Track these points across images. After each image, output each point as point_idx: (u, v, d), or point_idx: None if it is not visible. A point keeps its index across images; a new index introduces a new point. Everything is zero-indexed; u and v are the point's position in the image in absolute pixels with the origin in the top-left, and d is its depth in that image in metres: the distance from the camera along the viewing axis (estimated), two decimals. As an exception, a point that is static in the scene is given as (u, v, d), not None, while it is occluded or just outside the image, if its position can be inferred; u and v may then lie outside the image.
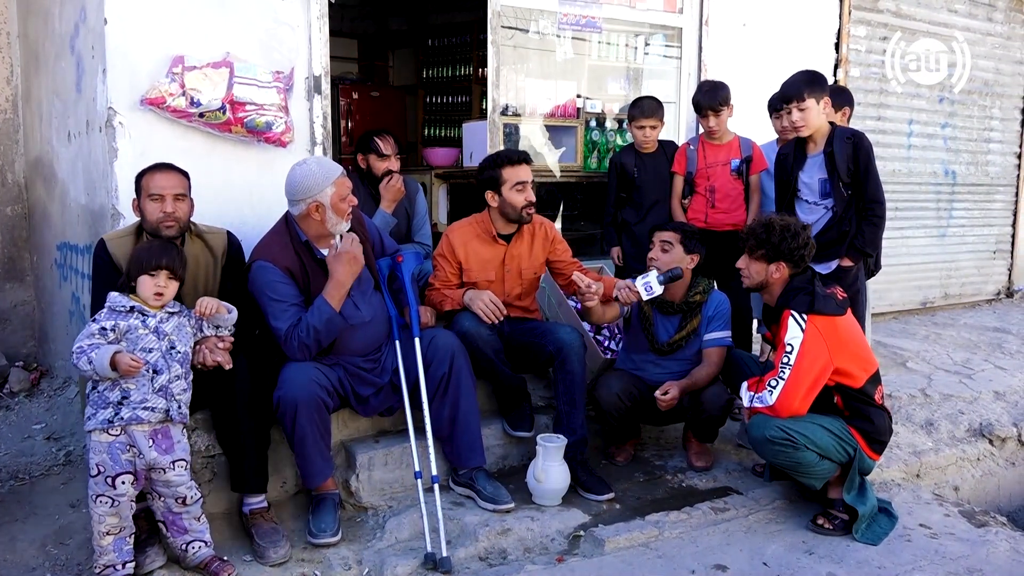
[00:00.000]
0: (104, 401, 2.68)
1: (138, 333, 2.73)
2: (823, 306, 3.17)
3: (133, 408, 2.68)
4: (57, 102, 4.26)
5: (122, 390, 2.68)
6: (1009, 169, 7.49)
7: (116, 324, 2.71)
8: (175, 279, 2.81)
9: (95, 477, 2.67)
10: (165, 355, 2.76)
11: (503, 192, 3.69)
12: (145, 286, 2.76)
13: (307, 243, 3.25)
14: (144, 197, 3.04)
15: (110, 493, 2.67)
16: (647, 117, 4.48)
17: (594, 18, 5.10)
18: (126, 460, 2.69)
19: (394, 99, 7.73)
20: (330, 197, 3.17)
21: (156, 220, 3.03)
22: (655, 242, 3.77)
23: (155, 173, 3.07)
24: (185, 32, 3.53)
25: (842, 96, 4.46)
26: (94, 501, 2.68)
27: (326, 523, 3.09)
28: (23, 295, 5.14)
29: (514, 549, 3.16)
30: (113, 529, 2.71)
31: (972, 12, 6.88)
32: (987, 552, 3.22)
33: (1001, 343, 6.00)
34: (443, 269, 3.74)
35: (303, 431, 3.09)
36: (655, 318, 3.81)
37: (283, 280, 3.17)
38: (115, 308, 2.75)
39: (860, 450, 3.22)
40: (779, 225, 3.28)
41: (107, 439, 2.67)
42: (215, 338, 2.95)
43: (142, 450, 2.70)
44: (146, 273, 2.75)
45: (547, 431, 3.70)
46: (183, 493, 2.80)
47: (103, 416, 2.67)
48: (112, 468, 2.67)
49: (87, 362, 2.62)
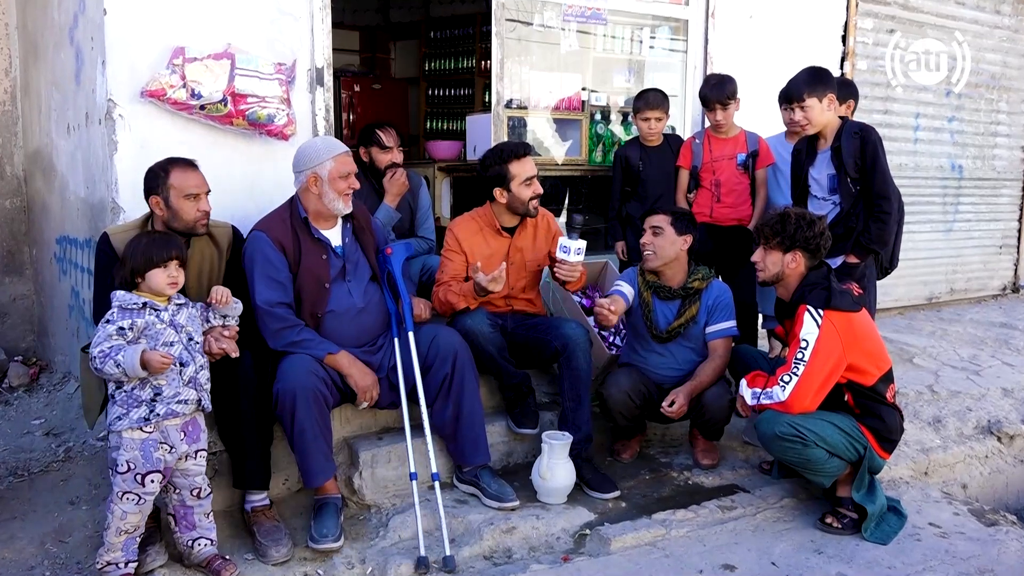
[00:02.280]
0: (135, 400, 2.64)
1: (156, 328, 2.69)
2: (840, 302, 3.13)
3: (167, 403, 2.67)
4: (56, 94, 4.22)
5: (153, 387, 2.65)
6: (1016, 164, 7.44)
7: (133, 322, 2.65)
8: (183, 267, 2.79)
9: (124, 474, 2.64)
10: (187, 347, 2.74)
11: (512, 188, 3.65)
12: (158, 279, 2.70)
13: (305, 220, 3.24)
14: (177, 196, 2.98)
15: (138, 491, 2.65)
16: (652, 109, 4.44)
17: (599, 10, 5.05)
18: (157, 458, 2.67)
19: (396, 91, 7.68)
20: (328, 171, 3.18)
21: (194, 219, 3.02)
22: (646, 228, 3.72)
23: (186, 172, 3.01)
24: (186, 23, 3.49)
25: (847, 89, 4.41)
26: (120, 498, 2.65)
27: (328, 528, 3.03)
28: (22, 289, 5.11)
29: (519, 548, 3.13)
30: (131, 528, 2.69)
31: (980, 5, 6.82)
32: (998, 552, 3.18)
33: (1008, 339, 5.96)
34: (452, 263, 3.70)
35: (302, 425, 3.04)
36: (654, 304, 3.76)
37: (272, 251, 3.18)
38: (126, 307, 2.68)
39: (870, 448, 3.19)
40: (795, 215, 3.25)
41: (140, 436, 2.65)
42: (220, 327, 2.92)
43: (174, 444, 2.70)
44: (157, 267, 2.70)
45: (552, 428, 3.66)
46: (199, 484, 2.81)
47: (138, 415, 2.63)
48: (143, 466, 2.65)
49: (115, 365, 2.56)
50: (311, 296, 3.24)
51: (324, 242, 3.28)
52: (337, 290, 3.28)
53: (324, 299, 3.26)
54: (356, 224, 3.39)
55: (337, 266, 3.31)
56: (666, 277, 3.70)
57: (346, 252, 3.35)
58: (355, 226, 3.39)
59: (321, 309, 3.26)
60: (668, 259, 3.66)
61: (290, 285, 3.21)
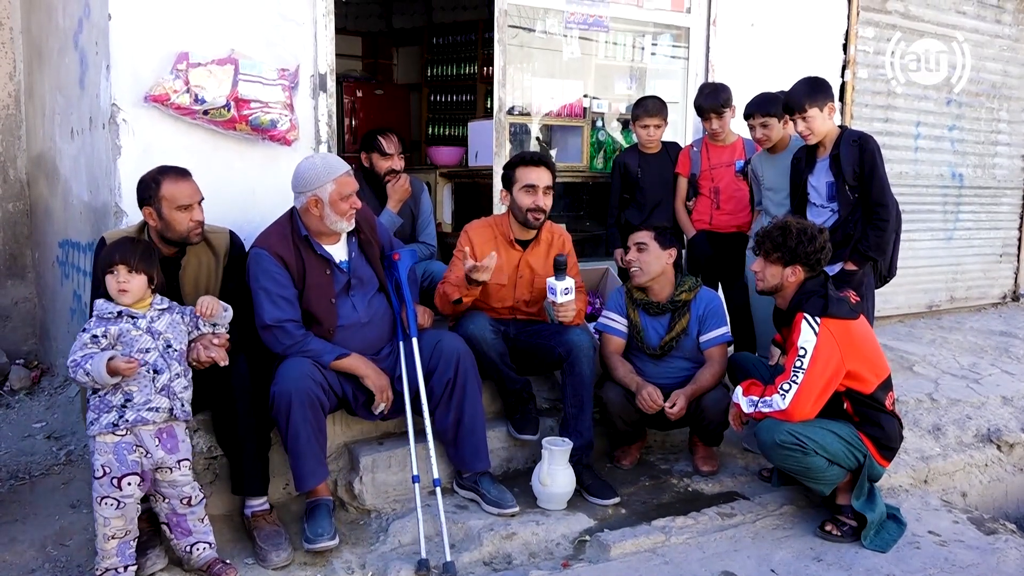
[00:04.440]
0: (107, 405, 2.65)
1: (131, 335, 2.69)
2: (837, 309, 3.14)
3: (137, 410, 2.66)
4: (60, 98, 4.23)
5: (124, 393, 2.65)
6: (1016, 172, 7.44)
7: (107, 330, 2.67)
8: (135, 272, 2.70)
9: (100, 479, 2.64)
10: (163, 354, 2.73)
11: (513, 192, 3.69)
12: (109, 284, 2.71)
13: (307, 237, 3.23)
14: (169, 208, 2.97)
15: (115, 495, 2.64)
16: (651, 116, 4.46)
17: (601, 17, 5.05)
18: (132, 461, 2.66)
19: (398, 97, 7.69)
20: (329, 194, 3.15)
21: (187, 230, 3.01)
22: (630, 245, 3.75)
23: (178, 182, 3.00)
24: (190, 28, 3.50)
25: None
26: (99, 503, 2.64)
27: (322, 527, 3.03)
28: (24, 292, 5.11)
29: (519, 554, 3.13)
30: (119, 532, 2.67)
31: (980, 14, 6.83)
32: (997, 560, 3.18)
33: (1008, 347, 5.96)
34: (460, 266, 3.69)
35: (296, 428, 3.04)
36: (643, 321, 3.77)
37: (275, 268, 3.16)
38: (102, 315, 2.70)
39: (870, 456, 3.19)
40: (796, 228, 3.25)
41: (113, 440, 2.65)
42: (210, 335, 2.91)
43: (149, 449, 2.69)
44: (107, 272, 2.71)
45: (552, 434, 3.66)
46: (188, 493, 2.79)
47: (107, 420, 2.64)
48: (118, 469, 2.64)
49: (84, 374, 2.58)
50: (321, 312, 3.23)
51: (327, 258, 3.27)
52: (342, 305, 3.28)
53: (334, 315, 3.26)
54: (362, 237, 3.38)
55: (341, 281, 3.30)
56: (653, 292, 3.72)
57: (352, 267, 3.33)
58: (361, 240, 3.38)
59: (333, 325, 3.25)
60: (655, 274, 3.69)
61: (296, 300, 3.19)
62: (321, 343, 3.20)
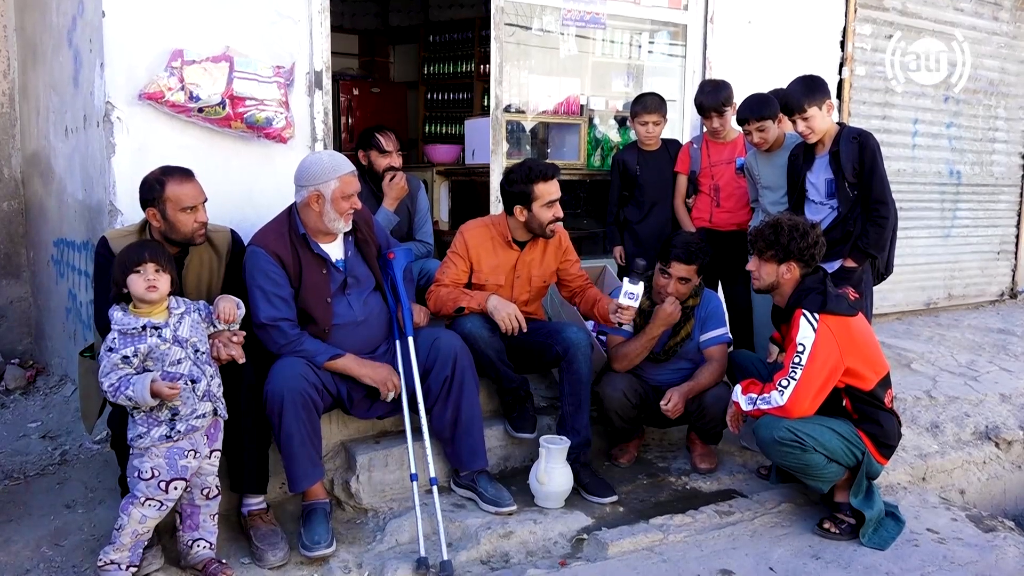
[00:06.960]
0: (155, 420, 2.65)
1: (161, 350, 2.66)
2: (835, 306, 3.13)
3: (186, 420, 2.69)
4: (54, 96, 4.21)
5: (171, 408, 2.66)
6: (1014, 169, 7.45)
7: (136, 349, 2.62)
8: (163, 271, 2.70)
9: (147, 480, 2.65)
10: (195, 361, 2.73)
11: (533, 208, 3.60)
12: (136, 284, 2.65)
13: (304, 236, 3.21)
14: (174, 209, 2.93)
15: (161, 497, 2.67)
16: (650, 113, 4.45)
17: (598, 14, 5.04)
18: (183, 465, 2.69)
19: (395, 95, 7.67)
20: (332, 191, 3.14)
21: (192, 231, 2.98)
22: (671, 274, 3.62)
23: (183, 184, 2.96)
24: (184, 25, 3.48)
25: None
26: (142, 504, 2.66)
27: (319, 534, 3.01)
28: (19, 291, 5.10)
29: (516, 552, 3.12)
30: (146, 531, 2.71)
31: (978, 11, 6.83)
32: (996, 558, 3.18)
33: (1006, 345, 5.96)
34: (455, 266, 3.67)
35: (289, 429, 3.02)
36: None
37: (272, 266, 3.13)
38: (126, 331, 2.64)
39: (868, 454, 3.19)
40: (787, 225, 3.23)
41: (166, 445, 2.67)
42: (228, 332, 2.91)
43: (199, 449, 2.74)
44: (132, 271, 2.66)
45: (549, 432, 3.65)
46: (210, 484, 2.84)
47: (159, 433, 2.65)
48: (168, 473, 2.67)
49: (126, 399, 2.58)
50: (317, 311, 3.21)
51: (324, 257, 3.25)
52: (338, 304, 3.26)
53: (329, 314, 3.24)
54: (359, 236, 3.36)
55: (338, 280, 3.28)
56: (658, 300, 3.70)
57: (348, 266, 3.31)
58: (357, 239, 3.36)
59: (328, 324, 3.24)
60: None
61: (292, 299, 3.17)
62: (315, 343, 3.18)
